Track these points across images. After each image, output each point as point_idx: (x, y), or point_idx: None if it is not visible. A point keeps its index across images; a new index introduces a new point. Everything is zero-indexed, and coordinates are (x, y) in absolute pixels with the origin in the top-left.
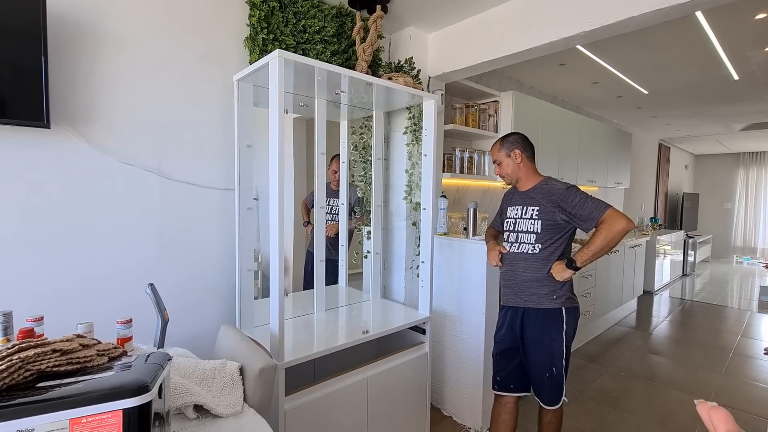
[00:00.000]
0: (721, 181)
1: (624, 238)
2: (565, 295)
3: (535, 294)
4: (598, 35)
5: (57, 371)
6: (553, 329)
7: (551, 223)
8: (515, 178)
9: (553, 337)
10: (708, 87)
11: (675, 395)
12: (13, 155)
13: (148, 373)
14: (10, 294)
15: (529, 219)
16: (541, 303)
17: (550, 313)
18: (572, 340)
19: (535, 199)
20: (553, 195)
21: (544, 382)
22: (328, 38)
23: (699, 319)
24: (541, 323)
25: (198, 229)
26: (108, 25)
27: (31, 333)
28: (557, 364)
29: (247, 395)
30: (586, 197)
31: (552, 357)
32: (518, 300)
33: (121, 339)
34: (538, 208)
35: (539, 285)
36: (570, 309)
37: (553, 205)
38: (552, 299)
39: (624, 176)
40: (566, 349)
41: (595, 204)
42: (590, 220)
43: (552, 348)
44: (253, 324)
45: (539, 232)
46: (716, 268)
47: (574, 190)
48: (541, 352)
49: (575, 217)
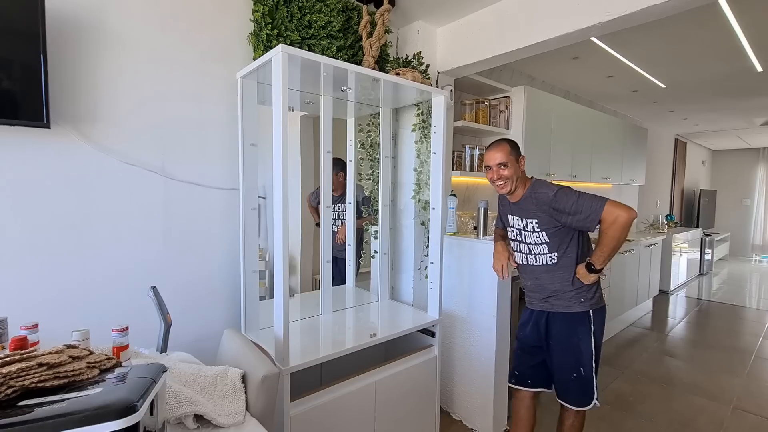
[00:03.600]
0: (740, 177)
1: (632, 227)
2: (593, 297)
3: (561, 299)
4: (616, 26)
5: (43, 387)
6: (581, 330)
7: (555, 229)
8: (513, 186)
9: (580, 338)
10: (729, 80)
11: (694, 400)
12: (13, 156)
13: (138, 390)
14: (8, 298)
15: (533, 232)
16: (568, 307)
17: (577, 315)
18: (602, 339)
19: (530, 211)
20: (545, 204)
21: (571, 383)
22: (334, 33)
23: (717, 320)
24: (568, 325)
25: (202, 230)
26: (109, 22)
27: (24, 341)
28: (586, 364)
29: (249, 404)
30: (579, 196)
31: (580, 357)
32: (546, 305)
33: (117, 347)
34: (536, 220)
35: (565, 292)
36: (597, 310)
37: (548, 214)
38: (580, 302)
39: (639, 173)
40: (596, 349)
41: (591, 201)
42: (591, 221)
43: (580, 348)
44: (258, 326)
45: (548, 241)
46: (734, 267)
47: (563, 192)
48: (568, 353)
49: (575, 218)
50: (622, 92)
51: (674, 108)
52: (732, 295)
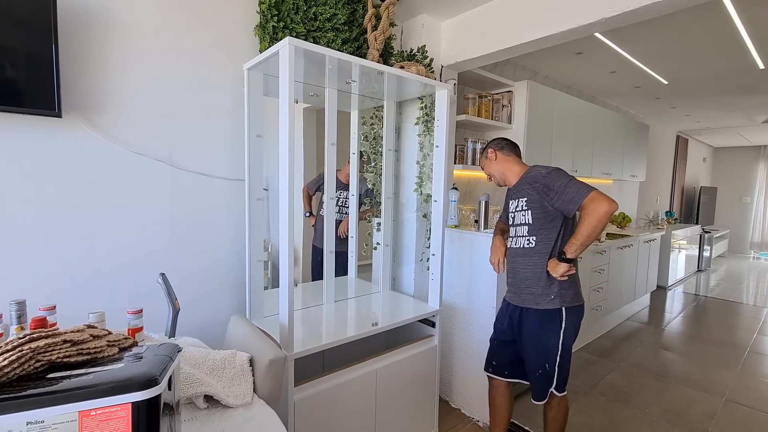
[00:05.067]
0: (741, 174)
1: (632, 223)
2: (565, 294)
3: (532, 294)
4: (619, 22)
5: (67, 362)
6: (550, 328)
7: (541, 212)
8: (500, 175)
9: (549, 336)
10: (731, 77)
11: (688, 392)
12: (26, 144)
13: (158, 366)
14: (23, 282)
15: (521, 211)
16: (537, 303)
17: (549, 313)
18: (573, 338)
19: (523, 189)
20: (537, 181)
21: (536, 378)
22: (339, 26)
23: (714, 315)
24: (539, 322)
25: (208, 219)
26: (117, 13)
27: (44, 322)
28: (551, 361)
29: (256, 386)
30: (570, 180)
31: (546, 354)
32: (517, 299)
33: (132, 329)
34: (526, 198)
35: (536, 284)
36: (571, 308)
37: (537, 191)
38: (549, 299)
39: (640, 169)
40: (563, 347)
41: (579, 186)
42: (573, 203)
43: (547, 346)
44: (263, 314)
45: (531, 222)
46: (733, 263)
47: (557, 172)
48: (535, 350)
49: (560, 198)
50: (624, 88)
51: (676, 104)
52: (729, 291)
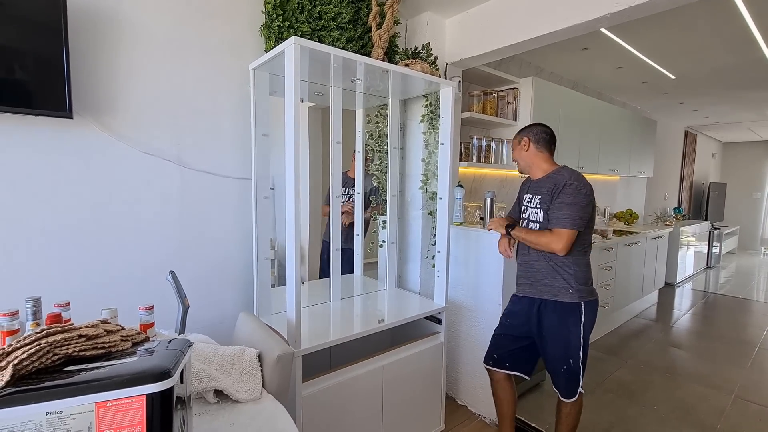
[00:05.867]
0: (751, 170)
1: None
2: (583, 288)
3: (549, 285)
4: (625, 17)
5: (83, 356)
6: (571, 321)
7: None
8: (525, 165)
9: (570, 329)
10: (741, 71)
11: (697, 389)
12: (38, 145)
13: (170, 359)
14: (37, 280)
15: (535, 208)
16: (556, 296)
17: (568, 306)
18: (590, 332)
19: (543, 188)
20: (557, 185)
21: (561, 374)
22: (344, 25)
23: (723, 312)
24: (559, 315)
25: (216, 218)
26: (125, 14)
27: (59, 318)
28: (574, 356)
29: (265, 381)
30: (572, 204)
31: (569, 349)
32: (534, 291)
33: (144, 325)
34: (540, 197)
35: (553, 276)
36: (589, 302)
37: (550, 193)
38: (568, 293)
39: (647, 165)
40: (584, 341)
41: (569, 216)
42: (553, 219)
43: (569, 340)
44: (270, 311)
45: (541, 221)
46: (743, 260)
47: (573, 188)
48: (558, 345)
49: (553, 209)
50: (631, 84)
51: (684, 100)
52: (739, 288)
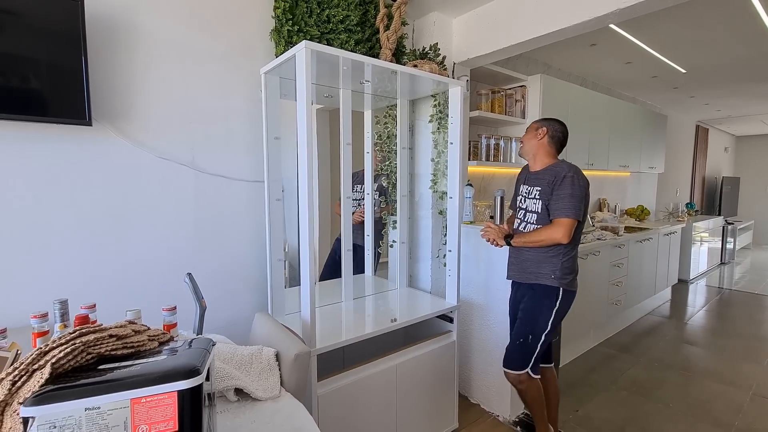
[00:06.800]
0: (766, 163)
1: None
2: (564, 278)
3: (534, 272)
4: (634, 12)
5: (114, 355)
6: (545, 303)
7: (549, 204)
8: (530, 152)
9: (542, 310)
10: (753, 63)
11: (712, 387)
12: (59, 151)
13: (197, 357)
14: (61, 283)
15: (533, 199)
16: (538, 279)
17: (547, 289)
18: (560, 321)
19: (542, 180)
20: (556, 177)
21: (515, 345)
22: (352, 27)
23: (738, 308)
24: (537, 296)
25: (230, 220)
26: (140, 22)
27: (86, 319)
28: (536, 335)
29: (283, 380)
30: (571, 195)
31: (534, 326)
32: (521, 276)
33: (167, 325)
34: (540, 188)
35: (540, 264)
36: (567, 291)
37: (550, 186)
38: (550, 278)
39: (658, 160)
40: (551, 327)
41: (571, 205)
42: (554, 210)
43: (538, 320)
44: (284, 311)
45: (539, 212)
46: (758, 255)
47: (571, 180)
48: (525, 320)
49: (553, 200)
50: (640, 78)
51: (695, 94)
52: (754, 283)
